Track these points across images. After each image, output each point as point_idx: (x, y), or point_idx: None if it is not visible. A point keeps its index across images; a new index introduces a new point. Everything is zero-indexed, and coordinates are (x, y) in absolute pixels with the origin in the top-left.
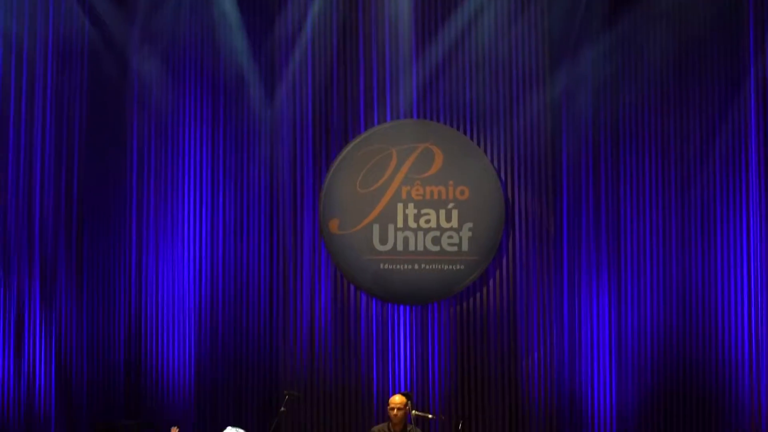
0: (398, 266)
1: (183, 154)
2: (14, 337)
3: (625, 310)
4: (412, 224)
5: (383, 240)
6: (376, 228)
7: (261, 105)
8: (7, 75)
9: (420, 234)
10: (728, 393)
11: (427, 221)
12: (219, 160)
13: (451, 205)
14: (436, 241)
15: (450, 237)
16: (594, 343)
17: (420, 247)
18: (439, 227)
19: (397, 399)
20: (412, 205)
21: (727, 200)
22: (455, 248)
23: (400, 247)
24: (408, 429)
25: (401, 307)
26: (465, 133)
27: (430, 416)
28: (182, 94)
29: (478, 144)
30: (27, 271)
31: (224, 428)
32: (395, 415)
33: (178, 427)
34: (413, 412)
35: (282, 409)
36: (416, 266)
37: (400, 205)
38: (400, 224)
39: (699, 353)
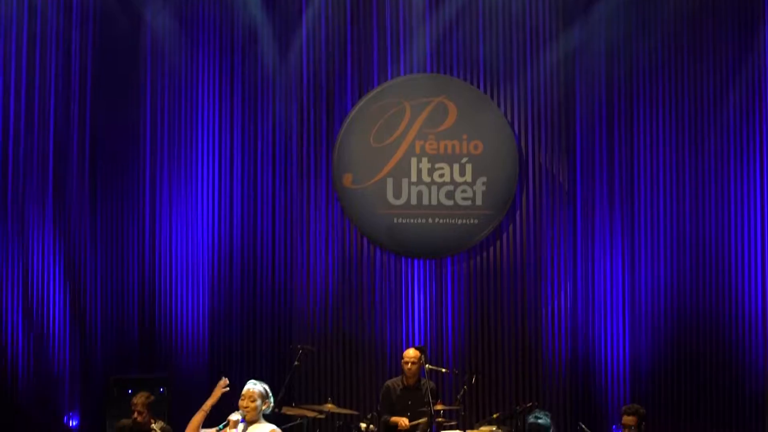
0: (412, 220)
1: (197, 108)
2: (27, 290)
3: (639, 264)
4: (426, 178)
5: (397, 194)
6: (389, 182)
7: (275, 59)
8: (20, 26)
9: (434, 188)
10: (742, 347)
11: (441, 175)
12: (233, 114)
13: (464, 160)
14: (450, 195)
15: (464, 191)
16: (607, 297)
17: (434, 202)
18: (453, 181)
19: (410, 353)
20: (425, 159)
21: (741, 155)
22: (469, 202)
23: (413, 201)
24: (422, 383)
25: (415, 261)
26: (479, 87)
27: (443, 370)
28: (196, 48)
29: (492, 98)
30: (41, 223)
31: (238, 382)
32: (409, 369)
33: (226, 378)
34: (427, 366)
35: (296, 363)
36: (430, 220)
37: (413, 160)
38: (413, 178)
39: (712, 308)
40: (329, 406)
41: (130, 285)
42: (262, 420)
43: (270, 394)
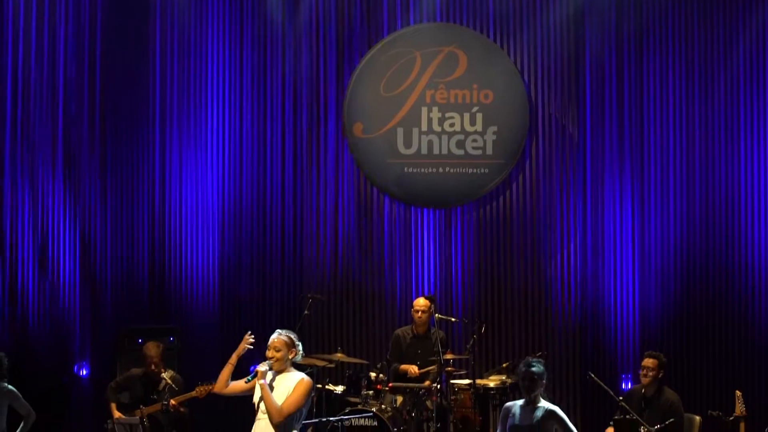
0: (422, 170)
1: (207, 58)
2: (38, 241)
3: (648, 213)
4: (436, 128)
5: (407, 143)
6: (400, 131)
7: (285, 9)
8: None
9: (444, 137)
10: (751, 296)
11: (452, 125)
12: (242, 65)
13: (475, 109)
14: (460, 144)
15: (474, 140)
16: (617, 247)
17: (444, 151)
18: (463, 131)
19: (420, 302)
20: (436, 108)
21: (751, 103)
22: (479, 152)
23: (424, 151)
24: (431, 332)
25: (425, 211)
26: (489, 36)
27: (453, 319)
28: (205, 1)
29: (502, 47)
30: (51, 174)
31: (248, 332)
32: (419, 318)
33: (251, 335)
34: (436, 315)
35: (305, 312)
36: (440, 170)
37: (424, 109)
38: (424, 128)
39: (722, 256)
40: (339, 356)
41: (140, 235)
42: (291, 369)
43: (297, 343)
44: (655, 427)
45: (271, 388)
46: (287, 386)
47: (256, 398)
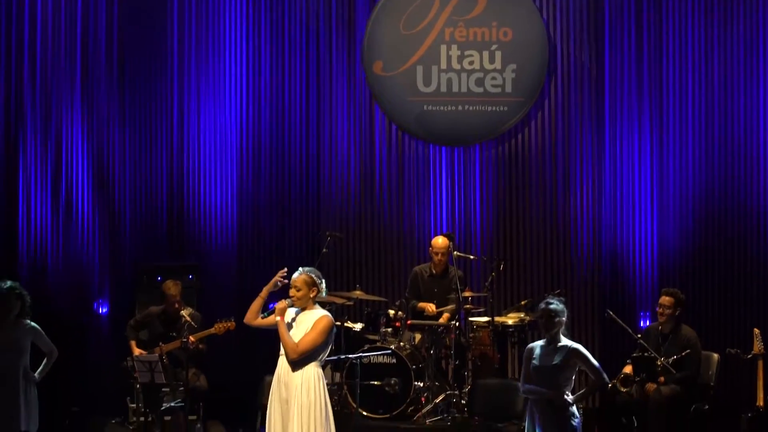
0: (441, 107)
1: None
2: (56, 179)
3: (667, 155)
4: (455, 65)
5: (427, 81)
6: (419, 69)
7: None
8: None
9: (463, 75)
10: None
11: (471, 62)
12: (261, 3)
13: (494, 47)
14: (479, 82)
15: (493, 78)
16: (635, 186)
17: (463, 89)
18: (482, 68)
19: (439, 240)
20: (455, 46)
21: None
22: (498, 89)
23: (443, 89)
24: (450, 270)
25: (444, 149)
26: None
27: (471, 257)
28: None
29: None
30: (69, 110)
31: (267, 269)
32: (438, 260)
33: (285, 269)
34: (455, 253)
35: (324, 250)
36: (459, 107)
37: (443, 47)
38: (443, 66)
39: (740, 195)
40: (357, 293)
41: (158, 172)
42: (315, 306)
43: (319, 281)
44: (671, 359)
45: (293, 325)
46: (307, 323)
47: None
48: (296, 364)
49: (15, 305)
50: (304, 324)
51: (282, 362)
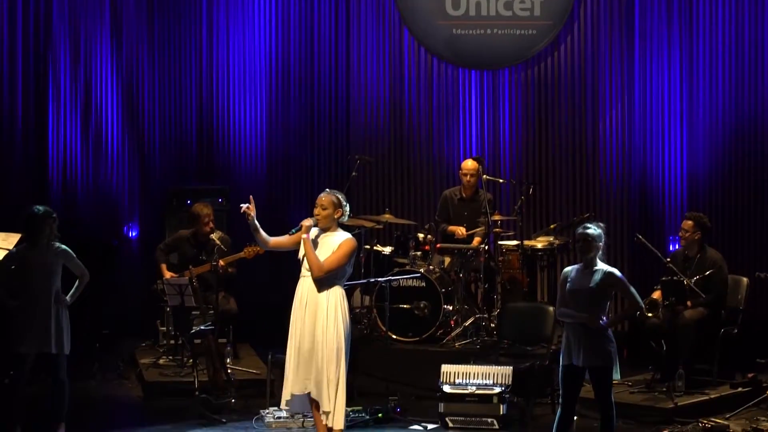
0: (470, 31)
1: None
2: (86, 104)
3: (697, 76)
4: None
5: (456, 5)
6: None
7: None
8: None
9: None
10: None
11: None
12: None
13: None
14: (508, 6)
15: (522, 1)
16: (665, 111)
17: (492, 12)
18: None
19: (468, 164)
20: None
21: None
22: (527, 13)
23: (472, 12)
24: (479, 193)
25: (473, 72)
26: None
27: (501, 181)
28: None
29: None
30: (98, 36)
31: (296, 192)
32: (467, 182)
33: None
34: (484, 176)
35: (353, 173)
36: (488, 31)
37: None
38: None
39: None
40: (387, 217)
41: (188, 96)
42: (338, 229)
43: (344, 204)
44: (694, 279)
45: (316, 245)
46: (331, 245)
47: (300, 255)
48: (321, 284)
49: (47, 229)
50: (328, 244)
51: (304, 284)
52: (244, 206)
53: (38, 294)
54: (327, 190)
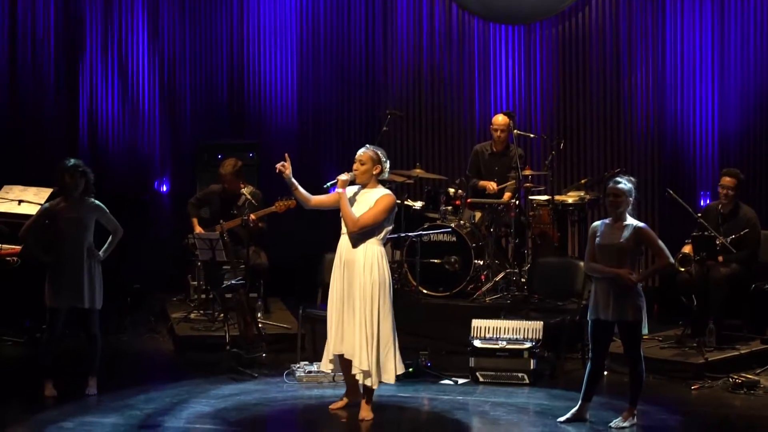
0: None
1: None
2: (118, 57)
3: (728, 32)
4: None
5: None
6: None
7: None
8: None
9: None
10: None
11: None
12: None
13: None
14: None
15: None
16: (696, 66)
17: None
18: None
19: (499, 119)
20: None
21: None
22: None
23: None
24: (510, 148)
25: (504, 27)
26: None
27: (531, 135)
28: None
29: None
30: None
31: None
32: (497, 137)
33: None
34: (515, 131)
35: (384, 128)
36: None
37: None
38: None
39: None
40: (418, 171)
41: (219, 50)
42: (378, 185)
43: (383, 160)
44: (729, 238)
45: (354, 201)
46: (369, 201)
47: (341, 212)
48: (357, 240)
49: (80, 182)
50: (366, 201)
51: (343, 241)
52: (279, 165)
53: (71, 249)
54: (367, 145)
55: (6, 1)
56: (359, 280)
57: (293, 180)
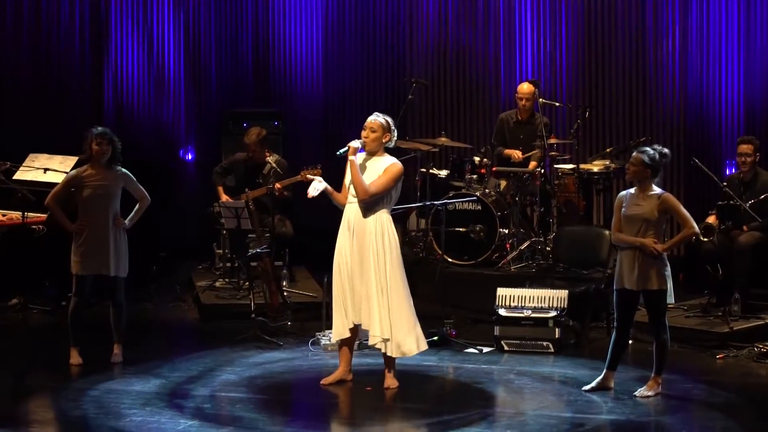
0: None
1: None
2: (144, 27)
3: (755, 2)
4: None
5: None
6: None
7: None
8: None
9: None
10: None
11: None
12: None
13: None
14: None
15: None
16: (722, 33)
17: None
18: None
19: (524, 87)
20: None
21: None
22: None
23: None
24: (535, 117)
25: None
26: None
27: (557, 104)
28: None
29: None
30: None
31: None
32: (523, 106)
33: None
34: (540, 100)
35: (409, 97)
36: None
37: None
38: None
39: None
40: (443, 140)
41: (244, 18)
42: (384, 153)
43: (392, 128)
44: (749, 203)
45: (363, 169)
46: (378, 169)
47: (347, 180)
48: (367, 209)
49: (107, 150)
50: (374, 169)
51: (350, 209)
52: (310, 194)
53: (97, 217)
54: (377, 113)
55: None
56: (372, 249)
57: (330, 190)
